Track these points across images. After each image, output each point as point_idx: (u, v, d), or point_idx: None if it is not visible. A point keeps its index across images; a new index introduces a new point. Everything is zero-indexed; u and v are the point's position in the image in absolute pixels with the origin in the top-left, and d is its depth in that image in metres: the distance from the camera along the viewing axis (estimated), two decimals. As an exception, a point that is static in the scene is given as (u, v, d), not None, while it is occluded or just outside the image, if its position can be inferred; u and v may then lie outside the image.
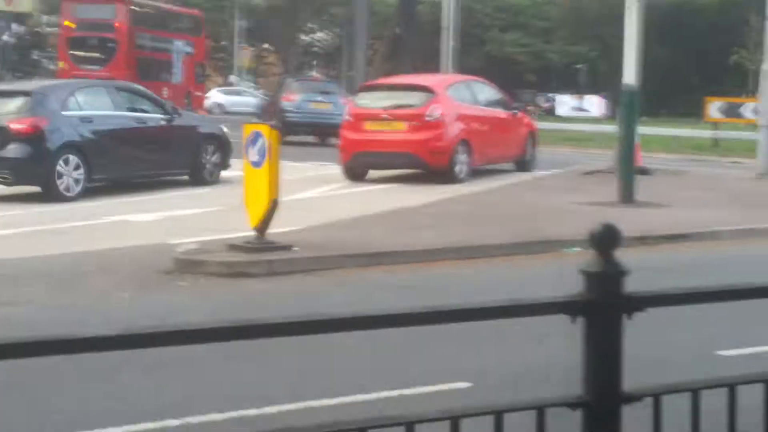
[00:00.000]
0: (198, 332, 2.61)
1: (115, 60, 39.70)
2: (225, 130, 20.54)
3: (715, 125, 34.11)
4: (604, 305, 2.79)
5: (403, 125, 19.85)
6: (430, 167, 19.91)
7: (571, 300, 2.81)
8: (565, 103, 39.73)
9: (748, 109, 32.02)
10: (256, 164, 11.31)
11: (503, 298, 2.90)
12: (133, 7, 41.30)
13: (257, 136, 11.34)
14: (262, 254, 11.15)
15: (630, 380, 2.86)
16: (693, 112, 40.79)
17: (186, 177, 19.50)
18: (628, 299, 2.83)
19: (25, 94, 17.72)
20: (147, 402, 6.55)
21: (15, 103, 17.52)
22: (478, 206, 15.70)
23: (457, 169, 19.89)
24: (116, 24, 40.08)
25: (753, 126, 27.43)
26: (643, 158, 21.04)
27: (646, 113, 39.91)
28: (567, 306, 2.82)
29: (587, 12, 63.96)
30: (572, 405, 2.82)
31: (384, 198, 17.26)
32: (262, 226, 11.34)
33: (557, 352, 7.27)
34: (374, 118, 20.08)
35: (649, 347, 7.25)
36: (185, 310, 9.20)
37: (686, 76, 56.99)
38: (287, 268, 10.98)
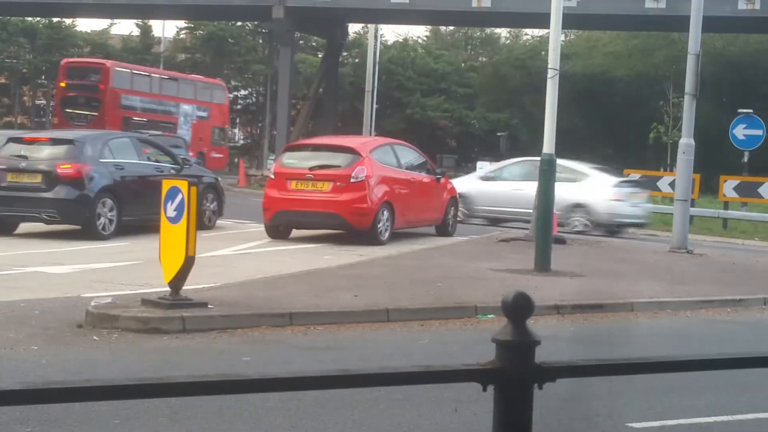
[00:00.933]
0: (104, 389, 2.55)
1: (98, 118, 43.12)
2: (221, 180, 22.52)
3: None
4: (514, 375, 2.78)
5: (327, 185, 19.87)
6: (353, 228, 19.95)
7: (482, 368, 2.80)
8: (484, 170, 40.05)
9: (665, 182, 32.54)
10: (173, 220, 11.18)
11: (415, 365, 2.88)
12: (119, 69, 46.18)
13: (176, 191, 11.22)
14: (176, 310, 11.00)
15: (539, 451, 2.85)
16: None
17: None
18: (539, 369, 2.82)
19: (68, 142, 19.61)
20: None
21: (57, 150, 19.30)
22: (397, 269, 15.70)
23: (379, 231, 19.97)
24: (101, 85, 44.23)
25: (669, 199, 27.86)
26: (559, 228, 21.27)
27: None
28: (478, 374, 2.81)
29: (508, 80, 64.82)
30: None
31: (304, 258, 17.20)
32: (177, 282, 11.22)
33: (471, 418, 7.27)
34: (299, 177, 20.09)
35: (559, 418, 7.28)
36: (95, 365, 9.03)
37: (603, 147, 57.82)
38: (201, 326, 10.84)
